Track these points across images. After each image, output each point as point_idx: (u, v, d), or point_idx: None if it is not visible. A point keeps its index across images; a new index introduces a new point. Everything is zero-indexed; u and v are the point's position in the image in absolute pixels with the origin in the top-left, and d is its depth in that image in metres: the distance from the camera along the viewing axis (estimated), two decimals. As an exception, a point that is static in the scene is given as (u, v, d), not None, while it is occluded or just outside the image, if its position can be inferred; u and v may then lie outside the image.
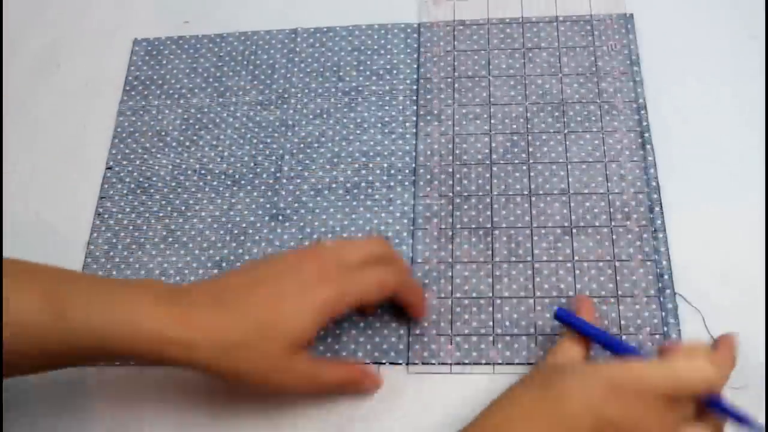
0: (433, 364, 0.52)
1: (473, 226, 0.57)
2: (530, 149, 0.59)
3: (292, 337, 0.46)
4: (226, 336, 0.44)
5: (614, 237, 0.55)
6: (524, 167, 0.58)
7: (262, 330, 0.45)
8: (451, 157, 0.59)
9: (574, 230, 0.56)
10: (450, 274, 0.55)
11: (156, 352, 0.44)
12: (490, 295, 0.54)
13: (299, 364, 0.47)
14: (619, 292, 0.53)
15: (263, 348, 0.45)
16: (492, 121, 0.61)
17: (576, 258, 0.55)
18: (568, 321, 0.49)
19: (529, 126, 0.60)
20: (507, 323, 0.53)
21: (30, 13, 0.71)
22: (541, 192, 0.57)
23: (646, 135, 0.58)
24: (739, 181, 0.56)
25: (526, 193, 0.57)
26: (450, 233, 0.57)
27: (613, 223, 0.55)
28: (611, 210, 0.56)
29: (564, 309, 0.49)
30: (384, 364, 0.52)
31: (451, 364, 0.52)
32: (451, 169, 0.59)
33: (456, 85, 0.62)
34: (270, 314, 0.45)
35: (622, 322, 0.52)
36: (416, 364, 0.52)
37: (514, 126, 0.60)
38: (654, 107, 0.60)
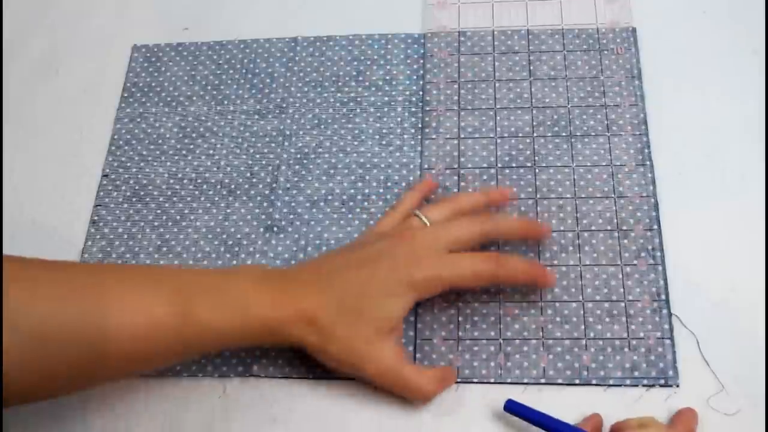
0: None
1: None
2: (536, 158, 0.59)
3: (379, 322, 0.48)
4: (317, 317, 0.47)
5: (618, 248, 0.54)
6: (529, 176, 0.58)
7: (350, 314, 0.47)
8: (455, 166, 0.59)
9: (580, 238, 0.55)
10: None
11: (261, 337, 0.48)
12: (493, 302, 0.54)
13: (383, 352, 0.48)
14: (615, 312, 0.52)
15: (350, 332, 0.48)
16: (497, 129, 0.60)
17: (581, 266, 0.54)
18: (520, 412, 0.47)
19: (533, 137, 0.60)
20: (508, 334, 0.53)
21: (29, 19, 0.71)
22: (545, 201, 0.57)
23: (647, 151, 0.58)
24: (740, 197, 0.56)
25: (531, 202, 0.57)
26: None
27: (619, 230, 0.55)
28: (614, 222, 0.55)
29: (514, 401, 0.48)
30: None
31: (457, 370, 0.52)
32: (453, 179, 0.58)
33: (458, 96, 0.62)
34: (358, 300, 0.48)
35: (619, 338, 0.51)
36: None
37: (516, 139, 0.60)
38: (656, 120, 0.59)
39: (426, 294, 0.50)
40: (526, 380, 0.51)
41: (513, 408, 0.48)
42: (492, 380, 0.51)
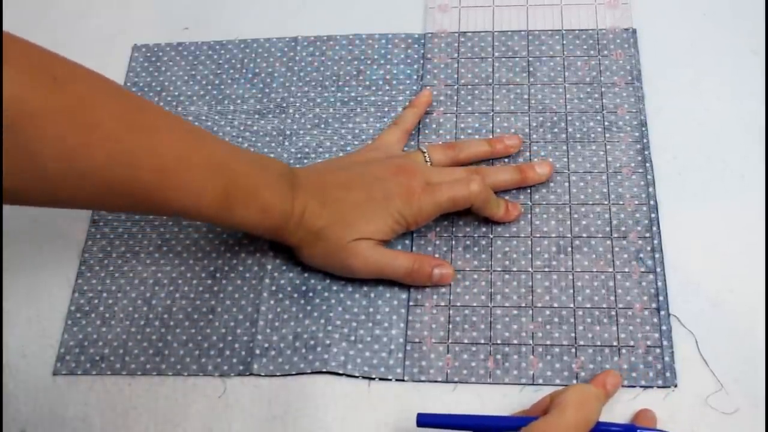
0: (431, 373, 0.52)
1: (475, 235, 0.56)
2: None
3: (365, 235, 0.53)
4: (315, 224, 0.53)
5: (615, 250, 0.55)
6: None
7: (342, 224, 0.53)
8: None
9: (576, 242, 0.55)
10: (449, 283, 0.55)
11: (271, 232, 0.54)
12: (489, 305, 0.54)
13: (369, 250, 0.53)
14: (612, 314, 0.53)
15: (339, 237, 0.53)
16: (496, 131, 0.60)
17: (577, 270, 0.54)
18: (434, 422, 0.47)
19: (530, 139, 0.60)
20: (506, 334, 0.53)
21: (29, 19, 0.71)
22: (543, 203, 0.57)
23: (647, 153, 0.58)
24: (740, 198, 0.56)
25: (527, 204, 0.57)
26: (451, 242, 0.56)
27: (614, 235, 0.55)
28: (612, 224, 0.56)
29: (424, 414, 0.47)
30: (376, 377, 0.53)
31: (447, 373, 0.52)
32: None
33: (457, 98, 0.62)
34: (350, 215, 0.53)
35: (615, 340, 0.52)
36: (414, 373, 0.52)
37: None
38: (655, 122, 0.59)
39: (414, 226, 0.55)
40: (523, 380, 0.51)
41: (427, 422, 0.47)
42: (489, 381, 0.52)
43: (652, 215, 0.56)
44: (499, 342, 0.53)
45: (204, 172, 0.49)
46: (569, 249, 0.55)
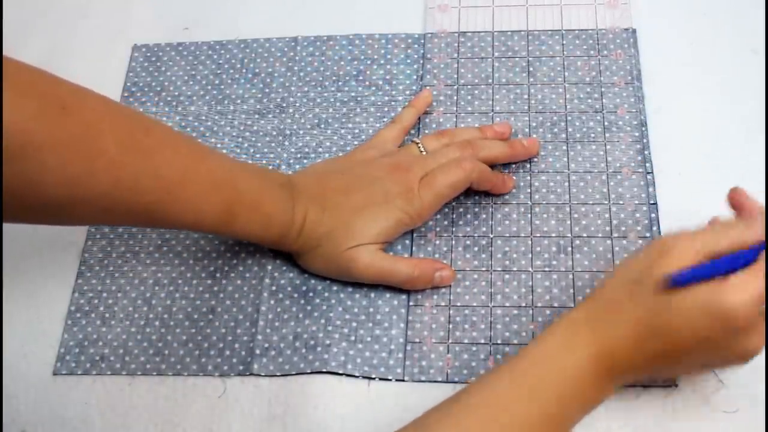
0: (431, 373, 0.52)
1: (475, 235, 0.56)
2: (532, 161, 0.59)
3: (365, 239, 0.53)
4: (315, 230, 0.53)
5: (615, 250, 0.55)
6: (527, 178, 0.58)
7: (342, 228, 0.53)
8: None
9: (576, 241, 0.55)
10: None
11: (273, 242, 0.54)
12: (489, 305, 0.54)
13: (369, 256, 0.53)
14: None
15: (339, 242, 0.53)
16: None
17: (577, 270, 0.54)
18: (692, 278, 0.41)
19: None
20: (506, 334, 0.53)
21: (29, 19, 0.71)
22: (543, 203, 0.57)
23: (647, 153, 0.58)
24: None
25: (527, 204, 0.57)
26: (451, 242, 0.56)
27: (614, 235, 0.55)
28: (612, 224, 0.56)
29: (678, 273, 0.42)
30: (376, 377, 0.53)
31: (447, 373, 0.52)
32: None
33: (457, 98, 0.62)
34: (350, 219, 0.53)
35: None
36: (414, 373, 0.52)
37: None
38: (655, 122, 0.59)
39: (420, 220, 0.55)
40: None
41: (681, 280, 0.42)
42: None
43: (652, 215, 0.56)
44: (499, 342, 0.53)
45: (206, 189, 0.49)
46: (569, 249, 0.55)
